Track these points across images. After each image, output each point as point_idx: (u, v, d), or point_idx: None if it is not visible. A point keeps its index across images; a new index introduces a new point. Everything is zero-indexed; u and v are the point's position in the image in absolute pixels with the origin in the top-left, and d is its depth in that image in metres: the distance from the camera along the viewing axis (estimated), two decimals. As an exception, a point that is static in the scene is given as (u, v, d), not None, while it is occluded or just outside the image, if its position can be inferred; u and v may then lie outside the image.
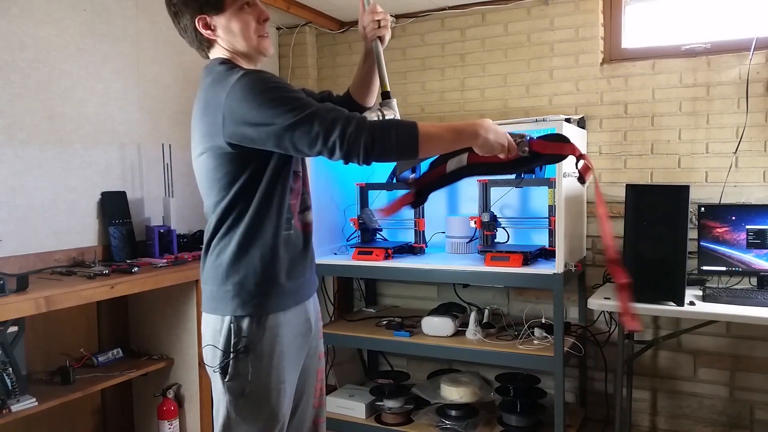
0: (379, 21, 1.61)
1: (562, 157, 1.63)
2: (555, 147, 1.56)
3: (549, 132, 2.66)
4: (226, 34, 1.53)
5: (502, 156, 1.48)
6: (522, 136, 1.51)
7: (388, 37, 1.67)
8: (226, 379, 1.53)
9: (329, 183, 3.24)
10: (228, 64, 1.52)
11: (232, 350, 1.51)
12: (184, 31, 1.57)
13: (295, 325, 1.60)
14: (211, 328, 1.56)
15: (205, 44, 1.56)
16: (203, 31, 1.53)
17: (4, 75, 2.31)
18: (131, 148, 2.80)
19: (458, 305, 3.10)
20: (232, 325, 1.52)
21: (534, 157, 1.54)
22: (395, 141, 1.37)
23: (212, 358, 1.55)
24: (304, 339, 1.64)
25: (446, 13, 3.31)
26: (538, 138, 1.56)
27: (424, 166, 1.69)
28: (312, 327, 1.66)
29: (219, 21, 1.52)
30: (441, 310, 3.00)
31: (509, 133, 1.49)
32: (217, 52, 1.56)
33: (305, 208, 1.63)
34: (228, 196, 1.52)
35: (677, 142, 2.86)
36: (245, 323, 1.51)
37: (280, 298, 1.55)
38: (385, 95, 1.60)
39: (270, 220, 1.52)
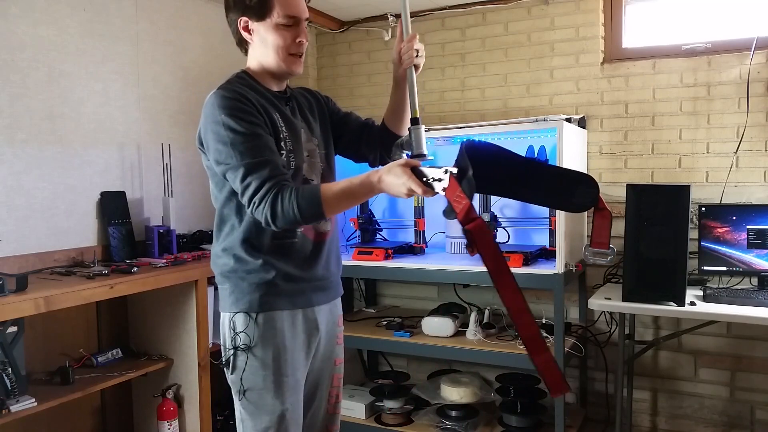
0: (417, 50, 1.62)
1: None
2: (456, 200, 1.30)
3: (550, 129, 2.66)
4: (261, 44, 1.58)
5: (419, 192, 1.36)
6: (440, 177, 1.34)
7: (422, 66, 1.67)
8: (230, 374, 1.60)
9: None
10: (239, 75, 1.60)
11: (231, 345, 1.58)
12: (229, 25, 1.63)
13: (297, 323, 1.62)
14: (221, 324, 1.63)
15: (243, 44, 1.63)
16: (243, 33, 1.59)
17: (4, 75, 2.31)
18: (131, 148, 2.80)
19: (458, 305, 3.09)
20: (231, 321, 1.59)
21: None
22: (297, 213, 1.42)
23: (222, 352, 1.63)
24: (309, 337, 1.65)
25: (446, 13, 3.31)
26: (457, 179, 1.32)
27: None
28: (319, 328, 1.67)
29: (258, 28, 1.57)
30: (441, 311, 3.00)
31: (425, 170, 1.36)
32: (250, 59, 1.64)
33: None
34: (223, 201, 1.60)
35: (678, 141, 2.86)
36: (240, 319, 1.58)
37: (274, 298, 1.58)
38: (414, 121, 1.59)
39: (263, 229, 1.54)
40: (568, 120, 2.73)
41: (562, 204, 1.70)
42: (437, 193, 1.36)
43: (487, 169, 1.36)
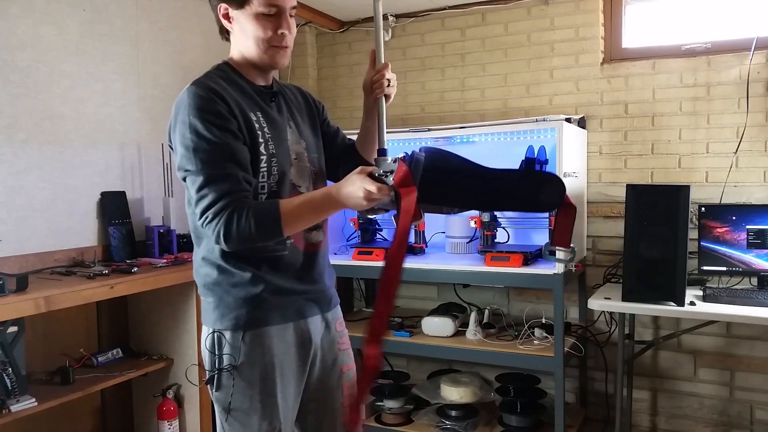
0: (389, 79, 1.55)
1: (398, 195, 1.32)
2: (398, 171, 1.30)
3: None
4: (241, 33, 1.48)
5: (374, 189, 1.31)
6: (391, 169, 1.31)
7: (393, 96, 1.59)
8: (213, 391, 1.51)
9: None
10: (219, 67, 1.52)
11: (216, 363, 1.48)
12: (212, 10, 1.54)
13: (287, 336, 1.52)
14: (203, 338, 1.54)
15: (224, 32, 1.54)
16: (223, 21, 1.50)
17: (4, 75, 2.31)
18: (131, 148, 2.80)
19: (458, 305, 3.10)
20: (214, 337, 1.49)
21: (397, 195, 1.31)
22: (254, 232, 1.35)
23: (206, 369, 1.53)
24: (302, 348, 1.54)
25: (446, 13, 3.31)
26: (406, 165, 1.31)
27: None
28: (313, 339, 1.56)
29: (238, 17, 1.47)
30: (441, 311, 3.00)
31: (378, 168, 1.34)
32: (232, 48, 1.54)
33: (314, 227, 1.55)
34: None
35: (677, 142, 2.86)
36: (227, 336, 1.48)
37: (263, 313, 1.48)
38: (381, 152, 1.49)
39: None
40: (568, 120, 2.74)
41: (530, 205, 1.66)
42: (392, 186, 1.31)
43: (450, 179, 1.35)
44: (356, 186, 1.32)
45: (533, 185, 1.45)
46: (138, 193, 2.82)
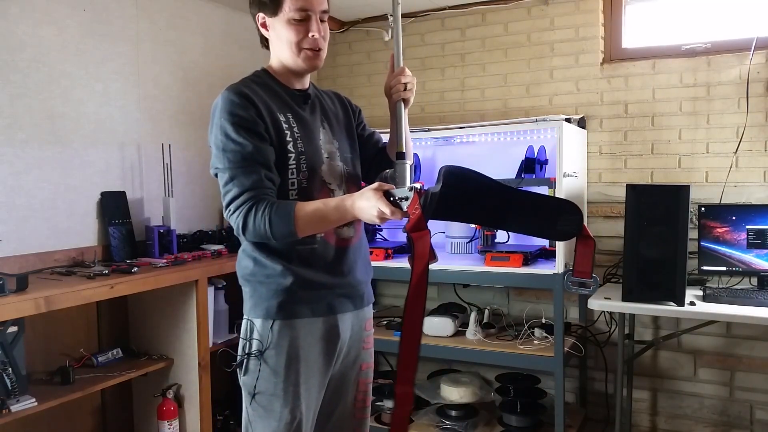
0: (406, 84, 1.59)
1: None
2: (412, 212, 1.33)
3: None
4: (277, 40, 1.58)
5: (387, 212, 1.35)
6: (407, 196, 1.33)
7: (412, 101, 1.63)
8: (241, 375, 1.59)
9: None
10: (255, 73, 1.61)
11: (246, 349, 1.57)
12: (253, 21, 1.63)
13: (316, 330, 1.58)
14: (241, 326, 1.63)
15: (264, 40, 1.63)
16: (261, 30, 1.60)
17: (4, 75, 2.31)
18: (131, 148, 2.80)
19: (458, 305, 3.10)
20: (247, 326, 1.59)
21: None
22: (268, 229, 1.44)
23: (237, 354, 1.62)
24: (329, 344, 1.60)
25: (446, 13, 3.31)
26: (423, 196, 1.34)
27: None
28: (341, 336, 1.62)
29: (273, 24, 1.56)
30: (441, 310, 3.00)
31: (395, 191, 1.36)
32: (271, 55, 1.63)
33: (344, 223, 1.59)
34: None
35: (677, 142, 2.86)
36: (257, 324, 1.57)
37: (292, 306, 1.55)
38: (399, 156, 1.52)
39: None
40: (568, 120, 2.74)
41: (545, 232, 1.67)
42: (406, 213, 1.34)
43: (469, 197, 1.37)
44: (371, 204, 1.37)
45: (551, 212, 1.48)
46: (138, 193, 2.82)
